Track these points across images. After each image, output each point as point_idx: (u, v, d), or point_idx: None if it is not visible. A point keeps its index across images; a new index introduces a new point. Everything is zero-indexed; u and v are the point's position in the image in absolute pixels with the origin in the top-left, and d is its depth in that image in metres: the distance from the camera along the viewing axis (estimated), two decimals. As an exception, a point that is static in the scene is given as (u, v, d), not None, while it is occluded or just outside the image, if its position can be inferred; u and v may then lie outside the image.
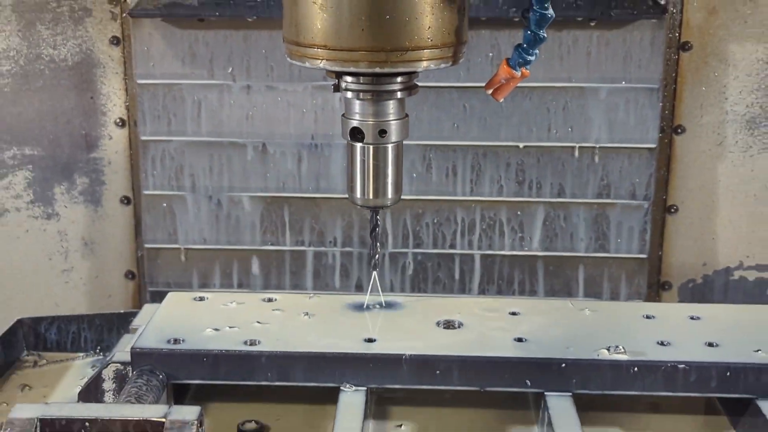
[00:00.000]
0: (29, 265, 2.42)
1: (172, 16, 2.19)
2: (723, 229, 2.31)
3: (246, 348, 1.61)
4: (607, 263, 2.30)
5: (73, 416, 1.38)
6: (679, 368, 1.56)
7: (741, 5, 2.18)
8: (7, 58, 2.29)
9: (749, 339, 1.62)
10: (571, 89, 2.21)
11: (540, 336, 1.65)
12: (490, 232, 2.30)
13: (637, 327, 1.68)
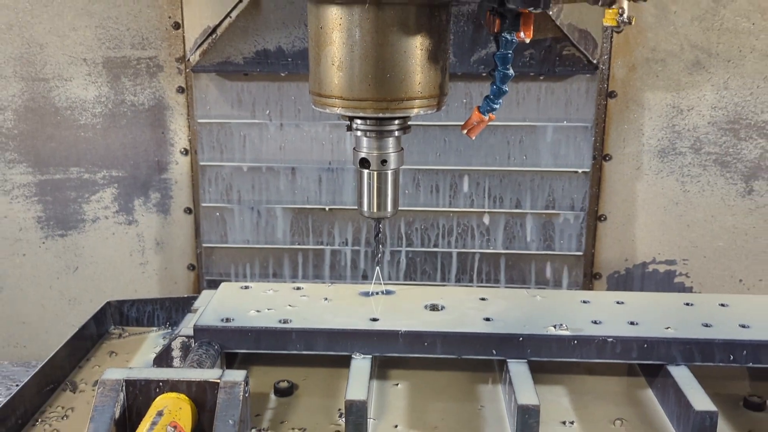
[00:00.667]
0: (115, 260, 2.42)
1: (223, 71, 2.19)
2: (640, 233, 2.31)
3: (280, 325, 1.62)
4: (552, 259, 2.31)
5: (150, 378, 1.38)
6: (608, 341, 1.57)
7: (654, 64, 2.18)
8: (99, 102, 2.29)
9: (661, 319, 1.63)
10: (526, 127, 2.20)
11: (503, 316, 1.66)
12: (464, 235, 2.30)
13: (575, 310, 1.70)
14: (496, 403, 1.60)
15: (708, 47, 2.16)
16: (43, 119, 2.32)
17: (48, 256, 2.43)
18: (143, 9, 2.21)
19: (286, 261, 2.35)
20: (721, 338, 1.56)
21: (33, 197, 2.38)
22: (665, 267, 2.32)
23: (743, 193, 2.26)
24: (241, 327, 1.61)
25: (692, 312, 1.67)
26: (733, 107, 2.20)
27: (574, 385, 1.66)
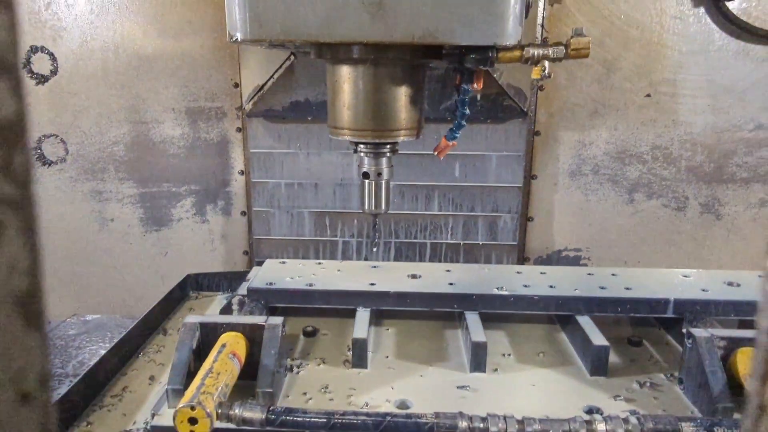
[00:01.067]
0: (193, 248, 2.42)
1: (268, 117, 2.21)
2: (556, 230, 2.32)
3: (307, 287, 1.63)
4: (496, 248, 2.30)
5: (216, 322, 1.38)
6: (534, 298, 1.58)
7: (566, 112, 2.20)
8: (182, 138, 2.31)
9: (571, 284, 1.64)
10: (478, 156, 2.20)
11: (462, 282, 1.67)
12: (435, 231, 2.29)
13: (512, 278, 1.70)
14: (457, 341, 1.61)
15: (603, 101, 2.18)
16: (144, 150, 2.33)
17: (147, 245, 2.44)
18: (213, 74, 2.23)
19: (311, 249, 2.35)
20: (611, 296, 1.57)
21: (137, 204, 2.40)
22: (574, 253, 2.34)
23: (627, 202, 2.28)
24: (280, 288, 1.63)
25: (592, 279, 1.69)
26: (621, 143, 2.22)
27: (510, 329, 1.67)
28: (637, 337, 1.61)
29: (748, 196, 2.24)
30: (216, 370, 1.22)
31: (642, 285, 1.62)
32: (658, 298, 1.55)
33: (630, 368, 1.48)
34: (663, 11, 2.09)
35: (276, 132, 2.25)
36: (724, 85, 2.14)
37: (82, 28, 2.22)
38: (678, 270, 1.73)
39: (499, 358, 1.51)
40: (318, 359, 1.50)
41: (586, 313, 1.56)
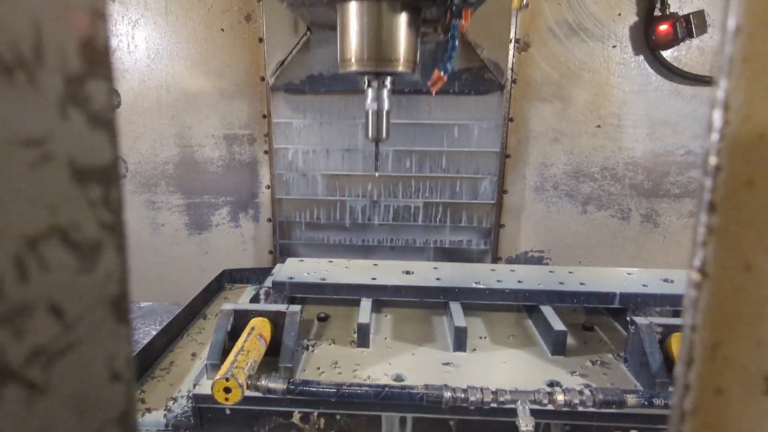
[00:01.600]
0: (228, 248, 2.41)
1: (288, 90, 2.13)
2: (523, 235, 2.31)
3: (320, 281, 1.61)
4: (477, 206, 2.24)
5: (248, 308, 1.37)
6: (506, 291, 1.56)
7: (531, 139, 2.19)
8: (221, 159, 2.30)
9: (535, 280, 1.63)
10: (462, 125, 2.12)
11: (447, 277, 1.65)
12: (427, 191, 2.21)
13: (487, 274, 1.68)
14: (442, 326, 1.60)
15: (561, 130, 2.18)
16: (189, 168, 2.33)
17: (191, 246, 2.43)
18: (245, 107, 2.23)
19: (323, 208, 2.26)
20: (569, 290, 1.56)
21: (183, 212, 2.39)
22: (538, 254, 2.33)
23: (581, 213, 2.27)
24: (298, 282, 1.61)
25: (553, 276, 1.67)
26: (576, 164, 2.22)
27: (486, 317, 1.66)
28: (590, 324, 1.59)
29: (680, 208, 2.23)
30: (246, 348, 1.21)
31: (594, 281, 1.61)
32: (607, 291, 1.53)
33: (584, 349, 1.47)
34: (610, 58, 2.10)
35: (294, 104, 2.16)
36: (660, 118, 2.14)
37: (140, 70, 2.23)
38: (623, 269, 1.72)
39: (477, 340, 1.50)
40: (329, 340, 1.49)
41: (548, 303, 1.55)
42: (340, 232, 2.30)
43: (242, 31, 2.16)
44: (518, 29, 2.06)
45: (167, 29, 2.17)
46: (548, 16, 2.06)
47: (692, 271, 0.29)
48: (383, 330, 1.56)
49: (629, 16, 2.05)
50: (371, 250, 2.31)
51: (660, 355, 1.24)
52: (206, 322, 1.72)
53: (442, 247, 2.27)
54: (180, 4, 2.15)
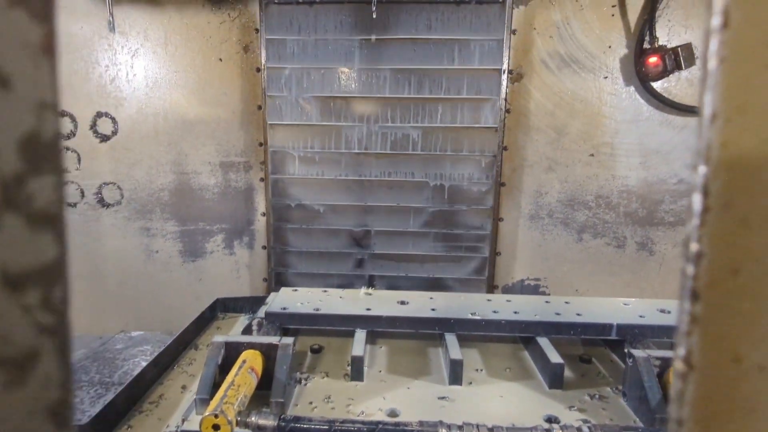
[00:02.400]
0: (222, 275, 2.39)
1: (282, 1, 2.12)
2: (519, 263, 2.30)
3: (314, 312, 1.59)
4: (480, 131, 2.21)
5: (239, 341, 1.35)
6: (502, 322, 1.54)
7: (526, 167, 2.20)
8: (216, 186, 2.30)
9: (532, 310, 1.61)
10: (462, 40, 2.06)
11: (442, 307, 1.63)
12: (424, 115, 2.13)
13: (483, 304, 1.66)
14: (438, 358, 1.57)
15: (555, 159, 2.20)
16: (185, 195, 2.33)
17: (185, 273, 2.41)
18: (242, 136, 2.25)
19: (317, 135, 2.15)
20: (565, 321, 1.54)
21: (177, 239, 2.37)
22: (534, 282, 2.31)
23: (576, 240, 2.27)
24: (292, 312, 1.58)
25: (549, 306, 1.65)
26: (570, 192, 2.23)
27: (482, 348, 1.63)
28: (587, 356, 1.57)
29: (675, 236, 2.23)
30: (237, 383, 1.18)
31: (590, 311, 1.59)
32: (603, 323, 1.52)
33: (582, 382, 1.44)
34: (601, 89, 2.13)
35: (288, 18, 2.07)
36: (652, 147, 2.16)
37: (139, 98, 2.25)
38: (619, 299, 1.70)
39: (473, 372, 1.47)
40: (322, 373, 1.46)
41: (544, 335, 1.52)
42: (335, 167, 2.19)
43: (240, 61, 2.19)
44: (511, 61, 2.09)
45: (166, 59, 2.20)
46: (540, 48, 2.10)
47: (677, 360, 0.28)
48: (378, 362, 1.53)
49: (619, 48, 2.09)
50: (367, 191, 2.18)
51: (659, 390, 1.22)
52: (198, 352, 1.68)
53: (442, 184, 2.14)
54: (179, 34, 2.18)
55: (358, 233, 2.24)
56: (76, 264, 2.41)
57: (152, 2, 2.16)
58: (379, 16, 2.03)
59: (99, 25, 2.19)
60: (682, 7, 2.03)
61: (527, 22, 2.08)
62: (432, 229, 2.23)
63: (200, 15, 2.16)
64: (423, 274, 2.27)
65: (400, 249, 2.26)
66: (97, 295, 2.42)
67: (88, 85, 2.24)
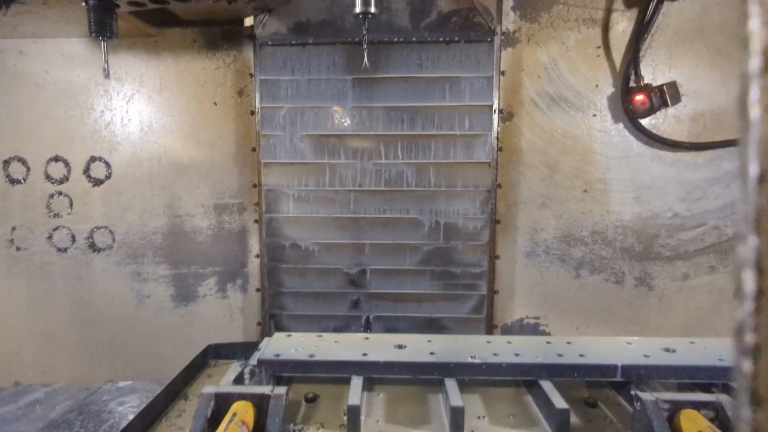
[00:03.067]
0: (215, 320, 2.32)
1: (275, 41, 2.13)
2: (518, 301, 2.25)
3: (308, 358, 1.52)
4: (473, 166, 2.16)
5: (229, 392, 1.28)
6: (503, 365, 1.49)
7: (521, 204, 2.19)
8: (210, 228, 2.27)
9: (533, 352, 1.56)
10: (453, 78, 2.08)
11: (441, 351, 1.57)
12: (418, 151, 2.12)
13: (483, 347, 1.60)
14: (438, 405, 1.50)
15: (549, 195, 2.19)
16: (178, 238, 2.29)
17: (176, 318, 2.34)
18: (236, 177, 2.24)
19: (311, 173, 2.14)
20: (568, 363, 1.48)
21: (169, 283, 2.32)
22: (534, 320, 2.26)
23: (574, 277, 2.23)
24: (285, 359, 1.52)
25: (551, 347, 1.60)
26: (566, 229, 2.21)
27: (484, 393, 1.56)
28: (593, 399, 1.50)
29: (673, 270, 2.21)
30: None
31: (593, 352, 1.54)
32: (608, 364, 1.46)
33: (588, 428, 1.37)
34: (591, 126, 2.15)
35: (281, 59, 2.09)
36: (644, 182, 2.16)
37: (133, 142, 2.24)
38: (622, 338, 1.65)
39: (475, 420, 1.39)
40: (317, 424, 1.38)
41: (547, 378, 1.46)
42: (329, 205, 2.16)
43: (235, 105, 2.20)
44: (501, 100, 2.12)
45: (161, 103, 2.22)
46: (529, 87, 2.14)
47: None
48: (375, 412, 1.45)
49: (606, 87, 2.13)
50: (362, 229, 2.16)
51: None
52: (188, 403, 1.60)
53: (437, 220, 2.12)
54: (174, 80, 2.21)
55: (353, 273, 2.20)
56: (65, 311, 2.34)
57: (149, 49, 2.19)
58: (370, 56, 2.07)
59: (95, 72, 2.21)
60: (665, 47, 2.08)
61: (515, 63, 2.12)
62: (428, 266, 2.19)
63: (196, 61, 2.19)
64: (421, 313, 2.21)
65: (396, 288, 2.21)
66: (86, 343, 2.34)
67: (83, 130, 2.24)
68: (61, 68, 2.21)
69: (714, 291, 2.19)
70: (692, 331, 2.22)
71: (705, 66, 2.08)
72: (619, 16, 2.08)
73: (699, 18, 2.06)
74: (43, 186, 2.27)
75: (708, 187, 2.14)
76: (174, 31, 2.18)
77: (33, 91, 2.23)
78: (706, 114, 2.10)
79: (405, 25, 2.07)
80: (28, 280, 2.33)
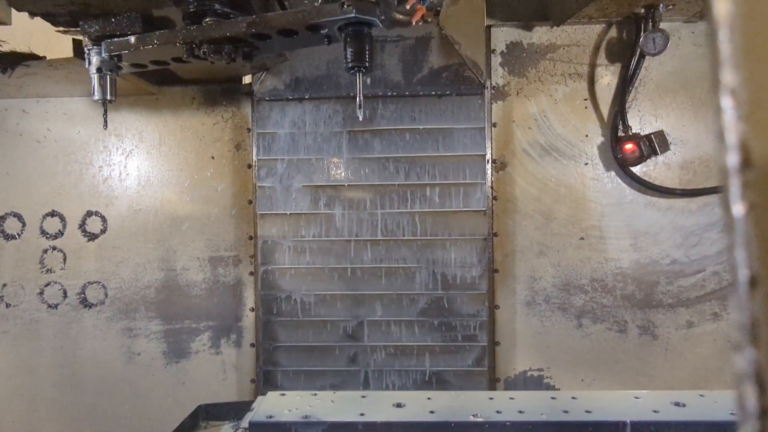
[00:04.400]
0: (206, 377, 2.22)
1: (272, 97, 2.11)
2: (519, 353, 2.17)
3: (303, 420, 1.44)
4: (468, 215, 2.10)
5: (216, 463, 1.18)
6: (506, 424, 1.40)
7: (517, 253, 2.16)
8: (204, 282, 2.22)
9: (537, 408, 1.48)
10: (445, 129, 2.08)
11: (442, 410, 1.49)
12: (414, 201, 2.10)
13: (485, 404, 1.52)
14: (440, 469, 1.40)
15: (546, 243, 2.17)
16: (172, 292, 2.23)
17: (167, 375, 2.24)
18: (232, 230, 2.22)
19: (304, 223, 2.13)
20: (575, 420, 1.41)
21: (161, 339, 2.24)
22: (537, 373, 2.17)
23: (576, 326, 2.17)
24: (278, 421, 1.44)
25: (555, 403, 1.52)
26: (565, 276, 2.17)
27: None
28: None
29: (676, 318, 2.15)
30: None
31: (600, 407, 1.46)
32: (616, 420, 1.38)
33: (601, 493, 1.28)
34: (584, 175, 2.16)
35: (279, 113, 2.11)
36: (640, 228, 2.15)
37: (130, 196, 2.24)
38: (630, 391, 1.58)
39: (480, 485, 1.30)
40: (312, 494, 1.28)
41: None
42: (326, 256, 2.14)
43: (232, 159, 2.22)
44: (494, 150, 2.14)
45: (159, 158, 2.23)
46: (521, 138, 2.17)
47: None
48: (373, 477, 1.35)
49: (596, 137, 2.16)
50: (359, 280, 2.13)
51: (689, 502, 1.07)
52: (174, 471, 1.49)
53: (434, 270, 2.10)
54: (173, 135, 2.23)
55: (351, 326, 2.13)
56: (52, 371, 2.24)
57: (149, 106, 2.23)
58: (364, 110, 2.11)
59: (96, 129, 2.24)
60: (649, 99, 2.13)
61: (506, 115, 2.16)
62: (427, 317, 2.13)
63: (194, 117, 2.23)
64: (420, 366, 2.13)
65: (394, 340, 2.13)
66: (72, 404, 2.23)
67: (81, 185, 2.24)
68: (62, 126, 2.25)
69: (719, 339, 2.12)
70: (700, 380, 2.14)
71: (689, 116, 2.12)
72: (603, 70, 2.15)
73: (680, 71, 2.12)
74: (37, 241, 2.24)
75: (703, 233, 2.13)
76: (174, 89, 2.23)
77: (34, 147, 2.25)
78: (695, 161, 2.13)
79: (398, 80, 2.12)
80: (15, 339, 2.25)
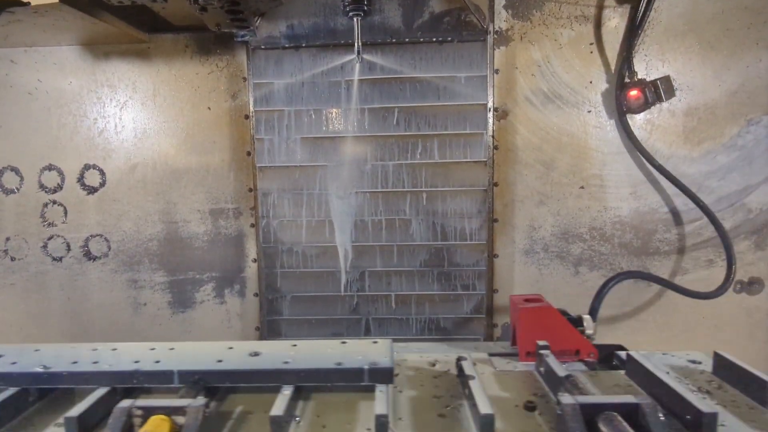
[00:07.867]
0: (213, 326, 2.24)
1: (269, 44, 2.08)
2: (518, 299, 2.18)
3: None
4: (468, 165, 2.10)
5: (147, 405, 1.11)
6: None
7: (518, 203, 2.12)
8: (206, 234, 2.20)
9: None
10: (447, 77, 2.03)
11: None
12: (414, 152, 2.06)
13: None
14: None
15: (546, 193, 2.13)
16: (174, 245, 2.21)
17: (174, 324, 2.26)
18: (232, 182, 2.17)
19: (307, 177, 2.09)
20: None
21: (166, 290, 2.24)
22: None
23: (573, 274, 2.17)
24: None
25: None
26: (564, 225, 2.15)
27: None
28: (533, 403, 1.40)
29: (671, 265, 2.14)
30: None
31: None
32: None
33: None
34: (586, 123, 2.09)
35: (275, 62, 2.04)
36: (641, 177, 2.10)
37: (127, 149, 2.18)
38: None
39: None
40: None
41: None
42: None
43: (229, 109, 2.14)
44: (496, 99, 2.06)
45: (155, 110, 2.15)
46: (523, 85, 2.08)
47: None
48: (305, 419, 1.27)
49: (600, 83, 2.07)
50: (359, 231, 2.08)
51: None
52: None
53: (434, 221, 2.07)
54: (168, 85, 2.14)
55: (351, 276, 2.13)
56: (61, 321, 2.25)
57: (141, 55, 2.13)
58: (363, 58, 2.01)
59: (88, 80, 2.14)
60: (657, 43, 2.03)
61: (509, 61, 2.07)
62: (427, 267, 2.12)
63: (188, 66, 2.13)
64: (420, 314, 2.14)
65: (394, 290, 2.13)
66: (81, 352, 2.25)
67: (77, 138, 2.17)
68: (52, 76, 2.15)
69: (712, 285, 2.12)
70: (693, 326, 2.16)
71: (697, 60, 2.03)
72: (611, 12, 2.03)
73: (690, 12, 2.01)
74: (36, 195, 2.20)
75: (704, 181, 2.09)
76: (166, 36, 2.12)
77: (26, 100, 2.16)
78: (700, 108, 2.05)
79: (398, 26, 2.01)
80: (22, 291, 2.25)
